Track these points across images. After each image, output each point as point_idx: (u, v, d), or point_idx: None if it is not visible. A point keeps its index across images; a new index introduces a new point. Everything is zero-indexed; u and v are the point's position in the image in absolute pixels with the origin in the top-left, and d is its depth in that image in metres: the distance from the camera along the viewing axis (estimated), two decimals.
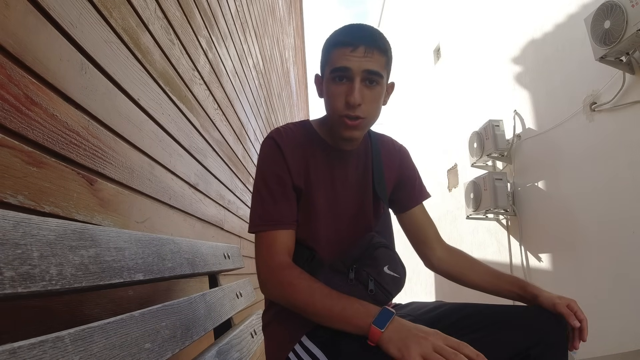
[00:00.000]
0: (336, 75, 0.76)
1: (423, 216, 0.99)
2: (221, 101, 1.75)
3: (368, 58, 0.74)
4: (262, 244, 0.79)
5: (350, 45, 0.74)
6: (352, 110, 0.75)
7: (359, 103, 0.75)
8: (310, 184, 0.83)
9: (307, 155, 0.84)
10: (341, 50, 0.75)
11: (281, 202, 0.80)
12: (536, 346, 0.72)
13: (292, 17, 5.94)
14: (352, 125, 0.77)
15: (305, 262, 0.82)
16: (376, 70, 0.75)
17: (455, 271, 0.97)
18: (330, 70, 0.77)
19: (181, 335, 0.72)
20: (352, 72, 0.74)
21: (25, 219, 0.44)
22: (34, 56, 0.62)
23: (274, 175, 0.81)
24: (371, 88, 0.76)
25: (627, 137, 2.41)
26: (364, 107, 0.76)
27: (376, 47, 0.75)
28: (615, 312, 2.38)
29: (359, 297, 0.76)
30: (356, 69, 0.74)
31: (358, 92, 0.74)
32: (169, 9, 1.17)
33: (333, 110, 0.78)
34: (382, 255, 0.79)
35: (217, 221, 1.64)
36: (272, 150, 0.82)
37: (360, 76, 0.75)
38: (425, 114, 6.07)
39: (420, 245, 1.00)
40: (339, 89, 0.76)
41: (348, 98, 0.75)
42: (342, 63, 0.74)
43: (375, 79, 0.76)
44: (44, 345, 0.40)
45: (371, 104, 0.77)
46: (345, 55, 0.74)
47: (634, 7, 2.04)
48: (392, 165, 0.95)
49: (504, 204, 3.44)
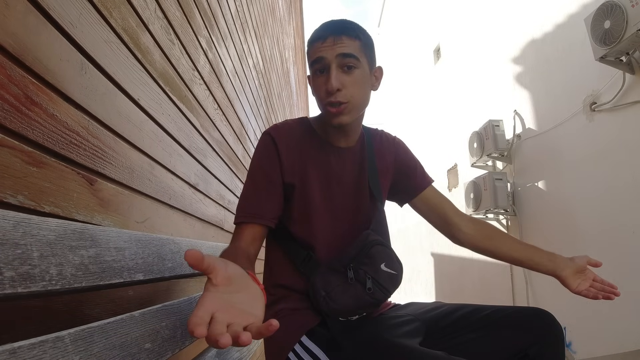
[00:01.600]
0: (315, 68, 0.80)
1: (435, 197, 0.97)
2: (221, 101, 1.75)
3: (338, 44, 0.77)
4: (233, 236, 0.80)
5: (320, 38, 0.79)
6: (332, 97, 0.78)
7: (338, 88, 0.77)
8: (307, 180, 0.84)
9: (305, 152, 0.85)
10: (314, 45, 0.80)
11: (264, 198, 0.81)
12: (534, 346, 0.73)
13: (292, 17, 5.94)
14: (337, 112, 0.79)
15: (302, 262, 0.82)
16: (348, 53, 0.77)
17: (486, 243, 0.94)
18: (309, 66, 0.81)
19: (181, 335, 0.72)
20: (326, 60, 0.78)
21: (25, 219, 0.44)
22: (34, 56, 0.62)
23: (263, 173, 0.82)
24: (349, 72, 0.78)
25: (627, 137, 2.41)
26: (344, 92, 0.78)
27: (344, 33, 0.78)
28: (615, 312, 2.38)
29: (357, 296, 0.77)
30: (329, 57, 0.77)
31: (335, 79, 0.77)
32: (169, 9, 1.17)
33: (319, 102, 0.82)
34: (378, 253, 0.80)
35: (217, 221, 1.64)
36: (266, 147, 0.84)
37: (335, 62, 0.77)
38: (425, 114, 6.06)
39: (442, 226, 0.97)
40: (319, 81, 0.80)
41: (327, 86, 0.77)
42: (316, 55, 0.79)
43: (350, 62, 0.78)
44: (44, 345, 0.40)
45: (352, 87, 0.79)
46: (317, 48, 0.79)
47: (634, 7, 2.04)
48: (386, 158, 0.95)
49: (504, 204, 3.44)
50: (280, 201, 0.83)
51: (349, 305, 0.77)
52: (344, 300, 0.77)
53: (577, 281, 0.87)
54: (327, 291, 0.77)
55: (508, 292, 3.55)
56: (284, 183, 0.83)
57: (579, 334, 2.66)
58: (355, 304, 0.77)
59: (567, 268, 0.88)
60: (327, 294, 0.77)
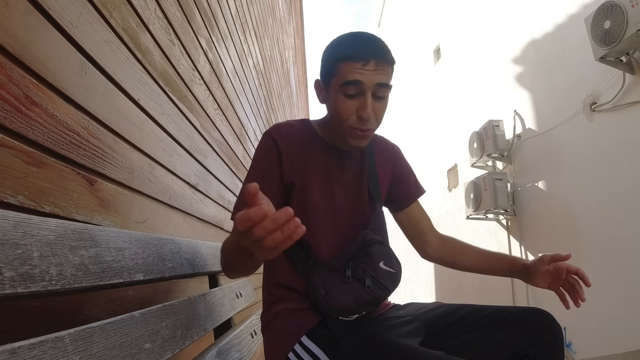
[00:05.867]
0: (347, 88, 0.76)
1: (418, 211, 1.01)
2: (221, 101, 1.75)
3: (379, 71, 0.75)
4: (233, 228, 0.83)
5: (361, 59, 0.74)
6: (364, 125, 0.77)
7: (372, 117, 0.77)
8: (307, 179, 0.84)
9: (306, 151, 0.85)
10: (352, 65, 0.75)
11: None
12: (534, 346, 0.73)
13: (292, 17, 5.94)
14: (362, 136, 0.80)
15: (301, 262, 0.82)
16: (386, 83, 0.77)
17: (450, 258, 0.99)
18: (342, 84, 0.77)
19: (181, 335, 0.72)
20: (364, 86, 0.75)
21: (25, 219, 0.44)
22: (34, 56, 0.62)
23: (261, 172, 0.82)
24: (380, 100, 0.78)
25: (627, 137, 2.41)
26: (373, 120, 0.78)
27: (386, 60, 0.76)
28: (615, 312, 2.38)
29: (356, 294, 0.77)
30: (368, 83, 0.75)
31: (371, 107, 0.76)
32: (169, 9, 1.17)
33: (342, 121, 0.79)
34: (377, 251, 0.80)
35: (217, 221, 1.64)
36: (267, 147, 0.84)
37: (372, 90, 0.76)
38: (425, 114, 6.06)
39: (416, 239, 1.02)
40: (349, 103, 0.77)
41: (361, 113, 0.76)
42: (354, 77, 0.75)
43: (385, 92, 0.78)
44: (44, 345, 0.40)
45: (380, 114, 0.80)
46: (356, 69, 0.75)
47: (634, 7, 2.04)
48: (386, 165, 0.96)
49: (504, 204, 3.44)
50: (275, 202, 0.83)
51: (349, 303, 0.77)
52: (344, 299, 0.77)
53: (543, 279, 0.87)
54: (327, 290, 0.77)
55: (508, 292, 3.55)
56: (283, 183, 0.83)
57: (579, 334, 2.66)
58: (355, 302, 0.77)
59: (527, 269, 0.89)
60: (327, 293, 0.77)
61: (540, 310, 0.78)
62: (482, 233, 4.10)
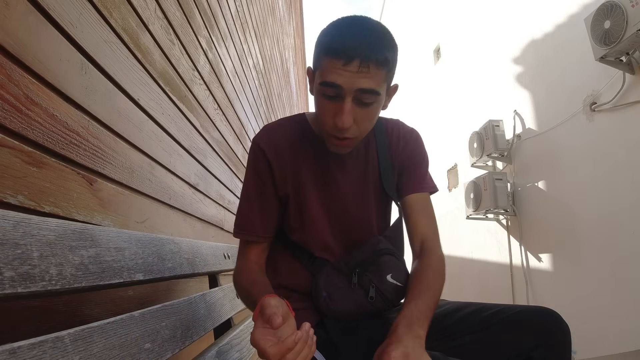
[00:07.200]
0: (325, 89, 0.65)
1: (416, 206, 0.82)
2: (221, 101, 1.75)
3: (363, 74, 0.62)
4: (239, 248, 0.84)
5: (342, 57, 0.62)
6: (340, 133, 0.67)
7: (348, 126, 0.66)
8: (302, 187, 0.80)
9: (299, 155, 0.80)
10: (332, 62, 0.63)
11: (257, 215, 0.80)
12: (539, 347, 0.69)
13: (292, 17, 5.94)
14: (339, 145, 0.71)
15: (307, 262, 0.82)
16: (371, 89, 0.64)
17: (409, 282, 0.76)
18: (319, 82, 0.66)
19: (181, 335, 0.72)
20: (343, 90, 0.63)
21: (25, 219, 0.44)
22: (34, 56, 0.62)
23: (256, 189, 0.80)
24: (364, 107, 0.66)
25: (627, 137, 2.41)
26: (354, 127, 0.68)
27: (373, 60, 0.62)
28: (615, 312, 2.38)
29: (358, 302, 0.76)
30: (348, 87, 0.63)
31: (347, 115, 0.65)
32: (169, 9, 1.17)
33: (321, 124, 0.71)
34: (386, 262, 0.77)
35: (217, 221, 1.64)
36: (257, 161, 0.79)
37: (352, 95, 0.64)
38: (425, 114, 6.06)
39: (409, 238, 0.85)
40: (327, 106, 0.67)
41: (336, 120, 0.66)
42: (332, 78, 0.63)
43: (369, 99, 0.65)
44: (44, 345, 0.40)
45: (363, 122, 0.68)
46: (336, 68, 0.63)
47: (634, 7, 2.04)
48: (401, 155, 0.85)
49: (504, 204, 3.44)
50: (274, 215, 0.82)
51: (349, 309, 0.76)
52: (345, 304, 0.76)
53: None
54: (329, 292, 0.77)
55: (508, 292, 3.55)
56: (278, 196, 0.80)
57: (579, 334, 2.66)
58: (356, 309, 0.76)
59: (391, 344, 0.57)
60: (329, 295, 0.76)
61: (545, 309, 0.74)
62: (482, 233, 4.10)
